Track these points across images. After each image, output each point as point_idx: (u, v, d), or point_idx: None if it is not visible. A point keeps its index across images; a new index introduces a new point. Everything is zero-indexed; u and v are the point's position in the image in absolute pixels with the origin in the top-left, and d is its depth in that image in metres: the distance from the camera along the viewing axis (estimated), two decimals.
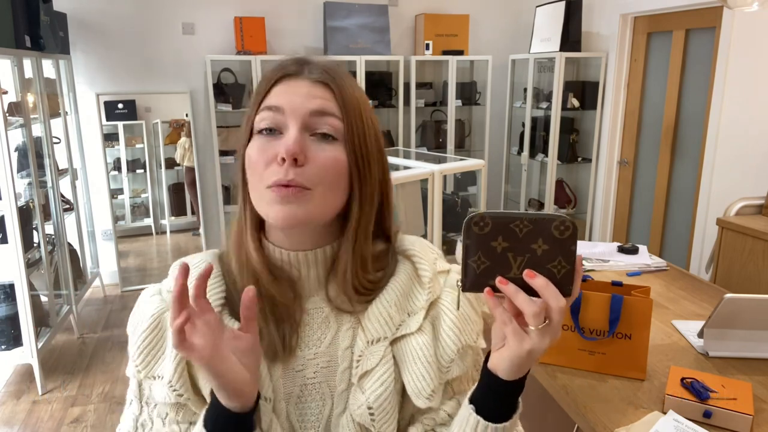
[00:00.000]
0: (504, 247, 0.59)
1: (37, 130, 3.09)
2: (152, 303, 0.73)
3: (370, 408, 0.68)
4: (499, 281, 0.59)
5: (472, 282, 0.60)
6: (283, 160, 0.63)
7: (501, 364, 0.61)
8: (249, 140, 0.68)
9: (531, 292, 0.58)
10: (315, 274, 0.72)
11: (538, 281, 0.57)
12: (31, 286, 2.72)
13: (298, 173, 0.63)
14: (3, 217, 2.61)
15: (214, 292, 0.71)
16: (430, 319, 0.72)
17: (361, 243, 0.70)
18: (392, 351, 0.70)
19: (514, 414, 0.64)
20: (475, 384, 0.66)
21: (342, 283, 0.70)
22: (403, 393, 0.71)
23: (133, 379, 0.73)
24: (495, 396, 0.63)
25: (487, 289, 0.59)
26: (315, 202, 0.65)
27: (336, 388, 0.71)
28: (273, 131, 0.66)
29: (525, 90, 4.40)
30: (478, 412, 0.63)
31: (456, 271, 0.75)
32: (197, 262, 0.74)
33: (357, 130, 0.67)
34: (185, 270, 0.59)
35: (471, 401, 0.64)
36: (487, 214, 0.59)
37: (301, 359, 0.71)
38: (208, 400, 0.67)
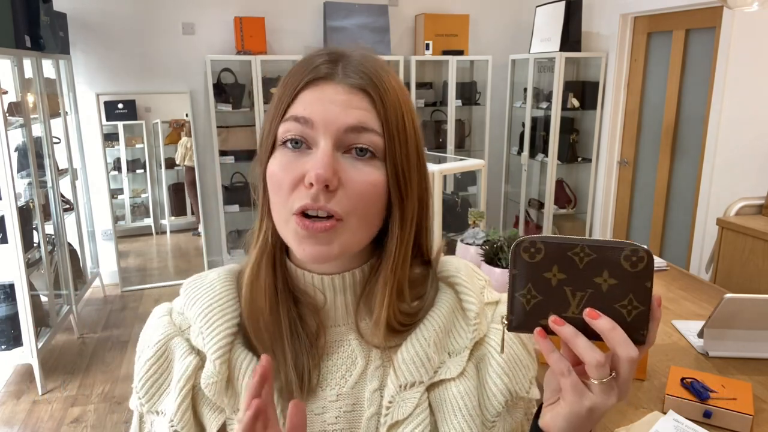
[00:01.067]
0: (560, 280, 0.49)
1: (37, 130, 3.09)
2: (160, 326, 0.64)
3: None
4: (553, 321, 0.49)
5: (521, 320, 0.50)
6: (311, 184, 0.54)
7: (555, 424, 0.51)
8: (272, 151, 0.59)
9: (593, 335, 0.48)
10: (343, 301, 0.63)
11: (603, 323, 0.47)
12: (31, 286, 2.72)
13: (328, 199, 0.54)
14: (3, 217, 2.61)
15: (227, 318, 0.62)
16: (474, 360, 0.62)
17: (399, 266, 0.60)
18: (428, 397, 0.60)
19: None
20: None
21: (375, 313, 0.60)
22: None
23: (135, 411, 0.65)
24: None
25: (538, 329, 0.49)
26: (348, 233, 0.56)
27: None
28: (300, 144, 0.56)
29: (525, 90, 4.40)
30: None
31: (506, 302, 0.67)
32: (211, 280, 0.65)
33: (399, 146, 0.57)
34: (259, 386, 0.49)
35: None
36: (539, 239, 0.49)
37: (322, 400, 0.61)
38: None
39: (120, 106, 4.05)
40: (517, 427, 0.62)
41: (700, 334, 1.47)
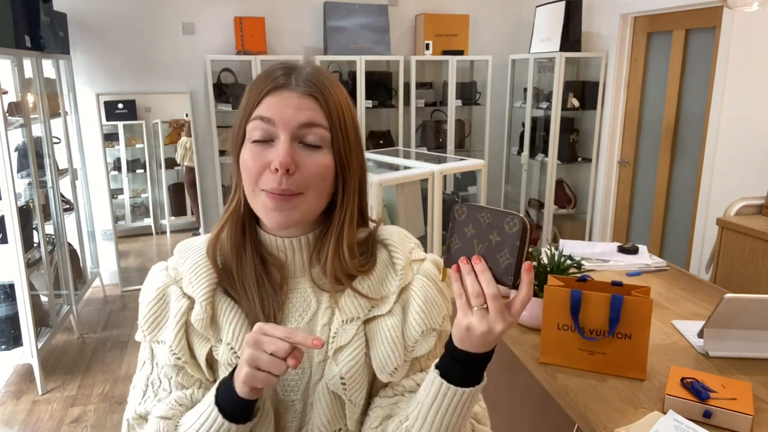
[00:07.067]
0: (472, 234, 0.69)
1: (37, 130, 3.09)
2: (159, 277, 0.81)
3: (342, 378, 0.77)
4: (461, 261, 0.68)
5: (447, 258, 0.71)
6: (276, 170, 0.71)
7: (454, 332, 0.69)
8: (242, 142, 0.76)
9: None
10: (300, 258, 0.81)
11: (478, 265, 0.67)
12: (31, 286, 2.73)
13: (290, 182, 0.72)
14: (3, 217, 2.61)
15: (210, 272, 0.79)
16: (401, 302, 0.80)
17: (345, 229, 0.79)
18: (364, 330, 0.79)
19: (477, 385, 0.70)
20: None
21: (324, 267, 0.79)
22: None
23: (144, 342, 0.81)
24: (455, 362, 0.70)
25: (454, 266, 0.69)
26: (306, 204, 0.74)
27: (314, 360, 0.79)
28: (265, 140, 0.73)
29: (525, 90, 4.40)
30: (442, 376, 0.70)
31: (431, 260, 0.85)
32: (198, 244, 0.83)
33: (342, 136, 0.75)
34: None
35: (437, 367, 0.72)
36: (465, 205, 0.70)
37: None
38: (203, 365, 0.77)
39: (120, 106, 4.05)
40: (432, 350, 0.80)
41: (700, 334, 1.47)
